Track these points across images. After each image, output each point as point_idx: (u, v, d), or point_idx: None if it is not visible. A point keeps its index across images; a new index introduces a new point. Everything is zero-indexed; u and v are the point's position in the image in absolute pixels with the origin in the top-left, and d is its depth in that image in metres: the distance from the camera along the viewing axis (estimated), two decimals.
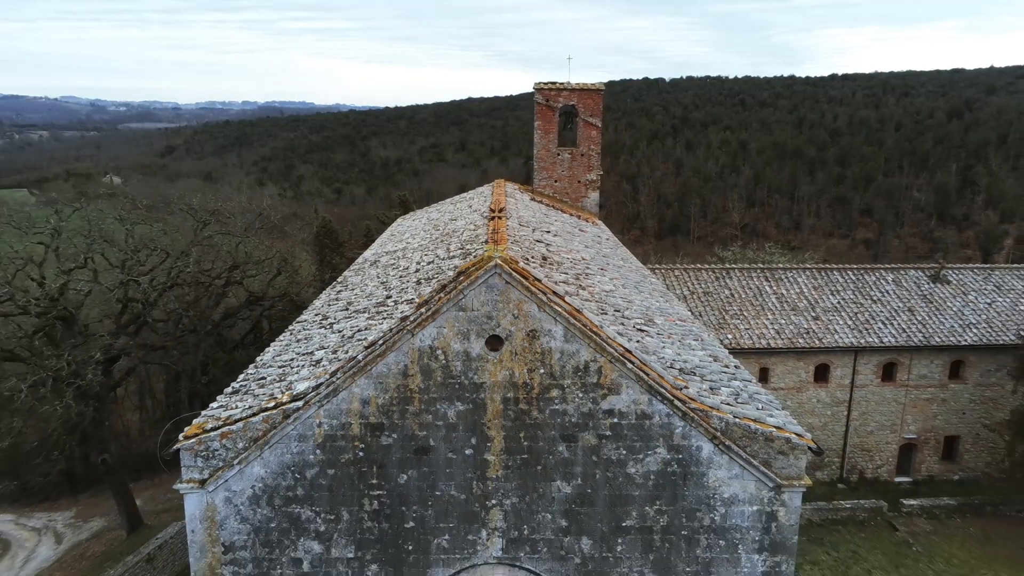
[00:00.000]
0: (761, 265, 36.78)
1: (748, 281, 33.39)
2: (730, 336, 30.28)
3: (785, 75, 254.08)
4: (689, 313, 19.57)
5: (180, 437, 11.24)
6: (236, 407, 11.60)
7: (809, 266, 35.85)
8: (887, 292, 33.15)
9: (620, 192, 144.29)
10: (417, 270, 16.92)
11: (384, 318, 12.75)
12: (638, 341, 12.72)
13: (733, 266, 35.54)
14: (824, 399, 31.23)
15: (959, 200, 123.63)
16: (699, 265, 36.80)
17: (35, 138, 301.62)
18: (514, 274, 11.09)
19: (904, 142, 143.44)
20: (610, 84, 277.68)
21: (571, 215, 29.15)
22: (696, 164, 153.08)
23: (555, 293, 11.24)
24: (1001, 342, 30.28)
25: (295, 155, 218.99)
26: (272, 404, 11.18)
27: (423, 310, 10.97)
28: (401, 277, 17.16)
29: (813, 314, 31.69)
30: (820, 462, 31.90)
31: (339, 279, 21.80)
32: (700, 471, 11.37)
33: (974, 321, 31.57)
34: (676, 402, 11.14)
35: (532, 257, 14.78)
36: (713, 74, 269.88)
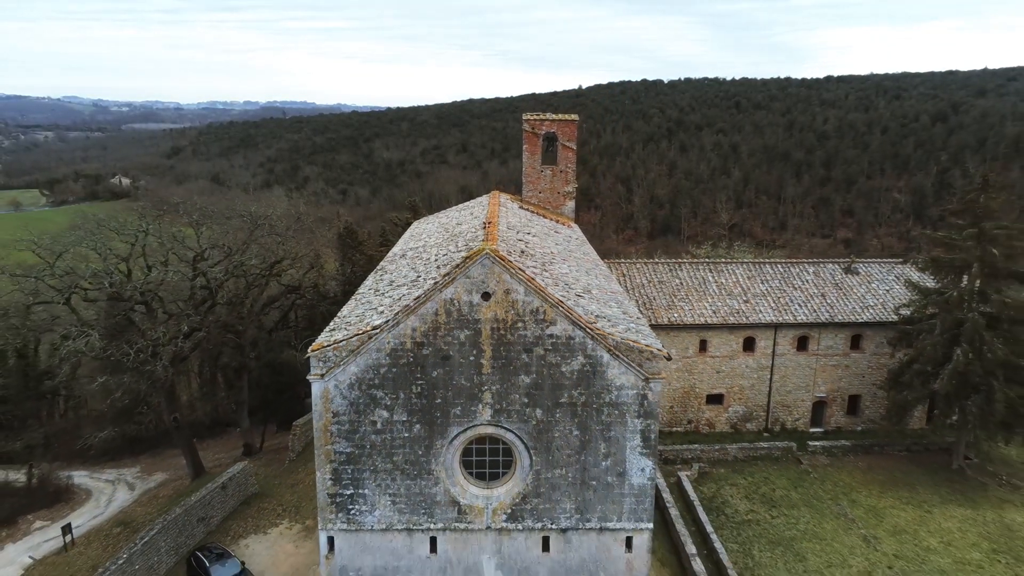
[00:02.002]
0: (707, 260, 45.87)
1: (695, 272, 42.48)
2: (676, 314, 39.38)
3: (782, 76, 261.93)
4: (621, 289, 28.72)
5: (309, 350, 20.32)
6: (338, 335, 20.70)
7: (746, 260, 44.99)
8: (807, 281, 42.21)
9: (615, 194, 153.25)
10: (436, 259, 25.93)
11: (419, 288, 21.77)
12: (573, 300, 21.79)
13: (683, 260, 44.66)
14: (751, 365, 40.28)
15: (936, 201, 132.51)
16: (656, 260, 45.90)
17: (41, 139, 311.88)
18: (497, 258, 20.16)
19: (888, 145, 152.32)
20: (609, 86, 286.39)
21: (550, 220, 38.24)
22: (689, 166, 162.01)
23: (520, 269, 20.33)
24: (890, 320, 39.25)
25: (300, 157, 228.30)
26: (361, 332, 20.26)
27: (446, 277, 20.08)
28: (425, 264, 26.19)
29: (744, 298, 40.75)
30: (750, 415, 40.97)
31: (378, 267, 30.82)
32: (603, 370, 20.45)
33: (872, 304, 40.62)
34: (588, 330, 20.23)
35: (513, 250, 23.80)
36: (714, 74, 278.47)
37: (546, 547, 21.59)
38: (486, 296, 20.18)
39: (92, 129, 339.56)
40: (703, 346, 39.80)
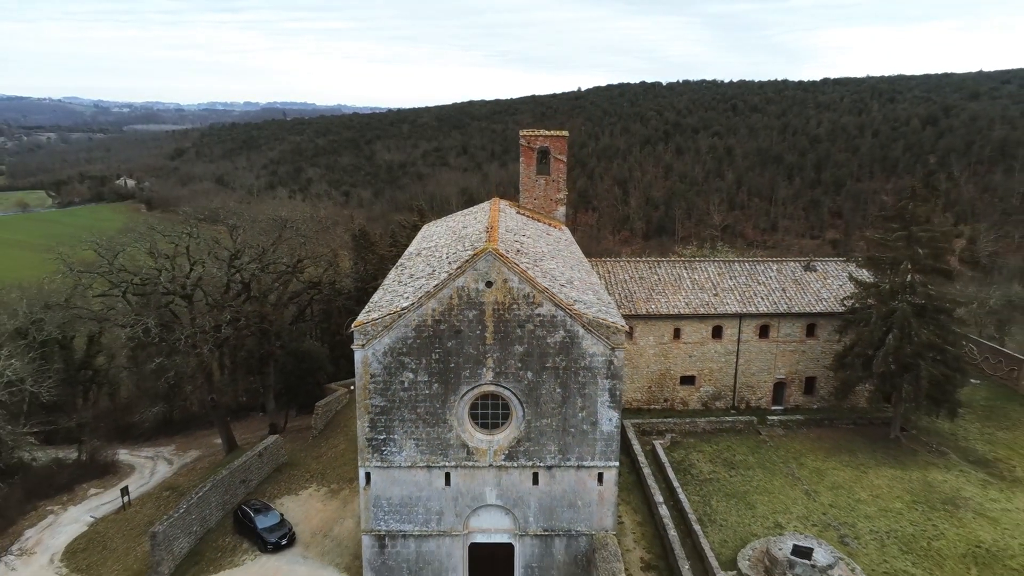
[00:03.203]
0: (683, 259, 52.33)
1: (672, 269, 48.92)
2: (653, 306, 45.80)
3: (779, 79, 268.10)
4: (599, 281, 35.22)
5: (352, 326, 26.75)
6: (374, 315, 27.13)
7: (717, 259, 51.46)
8: (770, 277, 48.63)
9: (612, 196, 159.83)
10: (447, 257, 32.31)
11: (435, 278, 28.13)
12: (557, 288, 28.22)
13: (662, 259, 51.12)
14: (719, 350, 46.69)
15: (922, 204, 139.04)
16: (638, 258, 52.38)
17: (43, 140, 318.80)
18: (498, 255, 26.60)
19: (877, 148, 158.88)
20: (608, 88, 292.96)
21: (544, 223, 44.69)
22: (684, 169, 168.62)
23: (516, 264, 26.77)
24: (839, 310, 45.60)
25: (303, 158, 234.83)
26: (392, 312, 26.69)
27: (458, 270, 26.53)
28: (439, 260, 32.58)
29: (714, 292, 47.18)
30: (719, 394, 47.38)
31: (398, 264, 37.21)
32: (579, 341, 26.88)
33: (826, 297, 47.04)
34: (567, 310, 26.67)
35: (511, 249, 30.21)
36: (713, 75, 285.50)
37: (536, 481, 28.04)
38: (489, 284, 26.61)
39: (94, 130, 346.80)
40: (677, 334, 46.20)
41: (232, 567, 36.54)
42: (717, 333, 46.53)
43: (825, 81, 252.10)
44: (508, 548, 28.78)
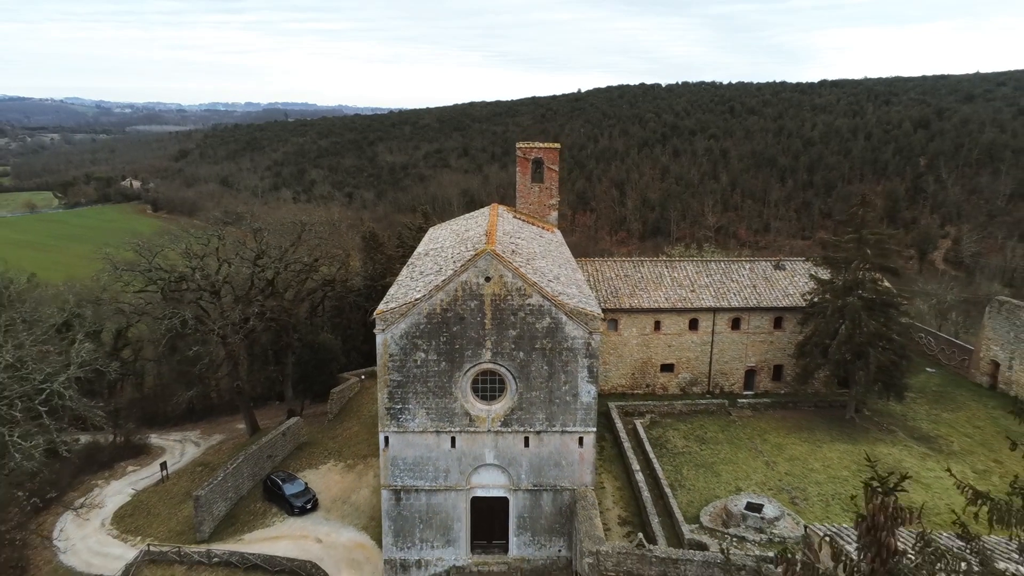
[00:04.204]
0: (665, 258, 58.24)
1: (654, 268, 54.80)
2: (636, 301, 51.67)
3: (777, 80, 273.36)
4: (583, 278, 41.18)
5: (374, 314, 32.64)
6: (392, 305, 33.04)
7: (695, 259, 57.35)
8: (743, 275, 54.49)
9: (610, 197, 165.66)
10: (452, 257, 38.16)
11: (442, 275, 33.97)
12: (545, 283, 34.10)
13: (645, 258, 57.03)
14: (696, 341, 52.54)
15: (911, 205, 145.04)
16: (624, 258, 58.27)
17: (47, 141, 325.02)
18: (495, 255, 32.48)
19: (869, 151, 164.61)
20: (607, 89, 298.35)
21: (537, 227, 50.58)
22: (681, 171, 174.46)
23: (511, 262, 32.67)
24: (803, 305, 51.39)
25: (306, 160, 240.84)
26: (407, 302, 32.58)
27: (462, 267, 32.43)
28: (445, 259, 38.44)
29: (691, 288, 53.04)
30: (695, 380, 53.25)
31: (408, 263, 43.11)
32: (562, 326, 32.77)
33: (792, 293, 52.89)
34: (552, 301, 32.56)
35: (507, 250, 36.05)
36: (712, 77, 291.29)
37: (527, 444, 33.92)
38: (487, 279, 32.50)
39: (97, 131, 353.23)
40: (657, 326, 52.06)
41: (264, 527, 42.57)
42: (694, 325, 52.37)
43: (823, 83, 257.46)
44: (504, 501, 34.69)
